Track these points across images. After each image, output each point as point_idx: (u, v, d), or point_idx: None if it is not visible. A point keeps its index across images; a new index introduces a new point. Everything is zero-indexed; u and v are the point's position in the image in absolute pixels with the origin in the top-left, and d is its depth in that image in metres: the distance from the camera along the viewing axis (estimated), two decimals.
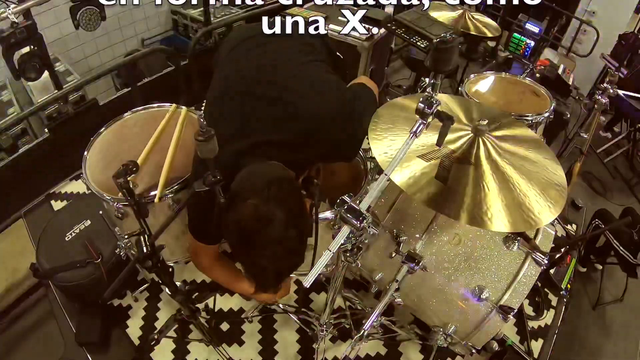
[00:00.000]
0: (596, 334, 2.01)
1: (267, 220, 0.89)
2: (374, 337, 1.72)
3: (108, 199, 1.37)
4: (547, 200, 1.01)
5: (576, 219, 2.54)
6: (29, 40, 1.94)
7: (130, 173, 1.00)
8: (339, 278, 1.19)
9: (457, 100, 1.35)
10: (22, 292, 1.96)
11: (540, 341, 1.89)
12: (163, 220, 1.14)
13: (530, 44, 3.67)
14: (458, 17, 2.40)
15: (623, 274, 1.98)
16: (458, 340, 1.44)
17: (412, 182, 1.01)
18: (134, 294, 1.88)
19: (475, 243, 1.38)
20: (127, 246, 1.50)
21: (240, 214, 0.91)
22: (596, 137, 3.33)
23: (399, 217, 1.47)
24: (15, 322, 1.87)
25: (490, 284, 1.33)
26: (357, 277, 1.78)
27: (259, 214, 0.90)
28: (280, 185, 0.94)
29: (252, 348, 1.78)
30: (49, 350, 1.75)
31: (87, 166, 1.46)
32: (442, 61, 0.85)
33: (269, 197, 0.90)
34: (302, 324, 1.78)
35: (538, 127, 1.94)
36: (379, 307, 1.27)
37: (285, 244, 0.92)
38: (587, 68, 3.70)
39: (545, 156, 1.14)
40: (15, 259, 2.05)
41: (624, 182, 3.00)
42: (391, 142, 1.11)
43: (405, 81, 3.50)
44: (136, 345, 1.75)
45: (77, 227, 1.83)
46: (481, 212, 0.96)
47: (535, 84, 2.11)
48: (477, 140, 1.10)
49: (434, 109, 0.85)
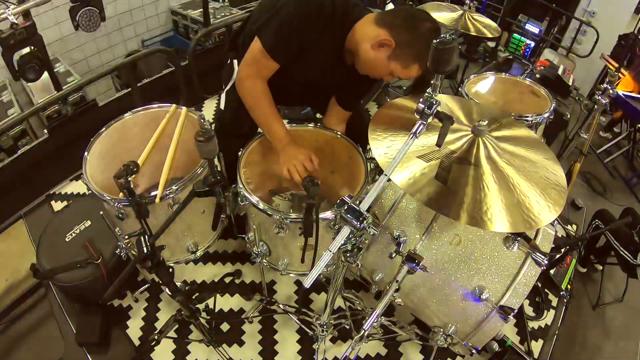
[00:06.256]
0: (596, 335, 2.01)
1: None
2: (374, 337, 1.72)
3: (108, 199, 1.37)
4: (547, 200, 1.01)
5: (576, 219, 2.54)
6: (29, 41, 1.95)
7: (131, 173, 1.01)
8: (339, 278, 1.19)
9: (457, 101, 1.36)
10: (22, 292, 1.96)
11: (541, 342, 1.89)
12: (163, 220, 1.14)
13: (530, 44, 3.68)
14: (458, 18, 2.41)
15: (623, 275, 1.98)
16: (458, 341, 1.44)
17: (412, 183, 1.01)
18: (134, 294, 1.88)
19: (475, 243, 1.38)
20: (127, 246, 1.50)
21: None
22: (596, 138, 3.33)
23: (399, 217, 1.47)
24: (15, 323, 1.87)
25: (491, 285, 1.33)
26: (357, 277, 1.78)
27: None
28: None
29: (252, 348, 1.78)
30: (49, 350, 1.75)
31: (87, 166, 1.46)
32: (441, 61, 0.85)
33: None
34: (302, 324, 1.78)
35: (538, 127, 1.94)
36: (379, 307, 1.27)
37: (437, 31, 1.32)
38: (587, 68, 3.71)
39: (545, 156, 1.14)
40: (16, 259, 2.05)
41: (624, 182, 3.00)
42: (391, 142, 1.11)
43: (405, 82, 3.50)
44: (136, 346, 1.75)
45: (78, 227, 1.83)
46: (481, 212, 0.96)
47: (535, 85, 2.12)
48: (477, 141, 1.10)
49: (433, 109, 0.85)
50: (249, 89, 1.49)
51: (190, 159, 1.51)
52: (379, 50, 1.35)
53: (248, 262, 2.09)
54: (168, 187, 1.39)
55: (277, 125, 1.50)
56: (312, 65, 1.49)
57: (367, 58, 1.39)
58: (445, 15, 2.45)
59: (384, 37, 1.33)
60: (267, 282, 2.00)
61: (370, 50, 1.37)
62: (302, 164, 1.45)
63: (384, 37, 1.33)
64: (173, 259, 1.65)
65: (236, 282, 2.02)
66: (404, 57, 1.34)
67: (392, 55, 1.35)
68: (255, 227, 1.47)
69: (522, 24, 3.74)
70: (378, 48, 1.35)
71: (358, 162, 1.57)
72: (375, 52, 1.36)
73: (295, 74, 1.51)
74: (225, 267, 2.08)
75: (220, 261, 2.10)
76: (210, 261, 2.09)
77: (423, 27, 1.32)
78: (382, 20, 1.36)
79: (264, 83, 1.49)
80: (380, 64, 1.38)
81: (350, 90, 1.66)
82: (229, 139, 1.56)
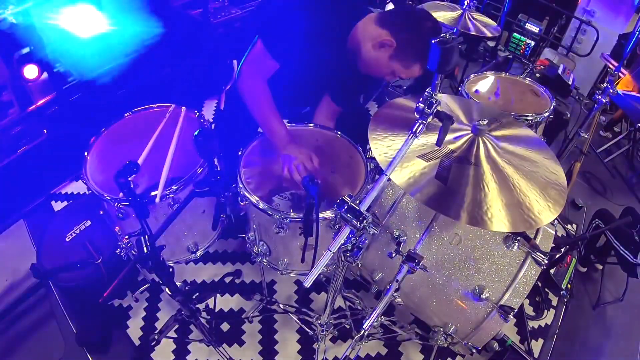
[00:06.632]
0: (596, 334, 2.01)
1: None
2: (374, 337, 1.72)
3: (108, 199, 1.37)
4: (547, 200, 1.01)
5: (576, 218, 2.54)
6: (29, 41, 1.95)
7: (131, 173, 1.01)
8: (339, 278, 1.19)
9: (457, 100, 1.36)
10: (22, 292, 1.96)
11: (541, 341, 1.89)
12: (163, 220, 1.14)
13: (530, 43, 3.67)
14: (458, 17, 2.40)
15: (623, 274, 1.98)
16: (458, 340, 1.44)
17: (412, 182, 1.01)
18: (135, 294, 1.89)
19: (476, 243, 1.38)
20: (127, 246, 1.50)
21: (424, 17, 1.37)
22: (596, 137, 3.33)
23: (399, 217, 1.47)
24: (15, 323, 1.87)
25: (491, 284, 1.33)
26: (357, 277, 1.78)
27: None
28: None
29: (253, 348, 1.78)
30: (50, 350, 1.75)
31: (87, 166, 1.46)
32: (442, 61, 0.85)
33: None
34: (303, 324, 1.78)
35: (538, 127, 1.94)
36: (379, 307, 1.27)
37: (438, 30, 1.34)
38: (587, 68, 3.70)
39: (545, 156, 1.14)
40: (16, 259, 2.05)
41: (624, 181, 3.00)
42: (391, 142, 1.11)
43: (405, 81, 3.50)
44: (136, 346, 1.75)
45: (78, 227, 1.83)
46: (481, 212, 0.96)
47: (535, 84, 2.11)
48: (477, 140, 1.10)
49: (433, 108, 0.85)
50: (249, 89, 1.49)
51: (190, 158, 1.51)
52: (381, 50, 1.36)
53: (248, 262, 2.09)
54: (168, 187, 1.39)
55: (277, 124, 1.50)
56: (313, 65, 1.49)
57: (369, 58, 1.39)
58: (445, 14, 2.45)
59: (385, 36, 1.33)
60: (267, 281, 2.00)
61: (371, 50, 1.37)
62: (302, 163, 1.45)
63: (385, 36, 1.33)
64: (173, 258, 1.65)
65: (236, 281, 2.02)
66: (405, 56, 1.35)
67: (394, 55, 1.35)
68: (256, 226, 1.47)
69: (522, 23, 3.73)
70: (379, 48, 1.35)
71: (358, 161, 1.57)
72: (376, 52, 1.36)
73: (297, 74, 1.51)
74: (225, 267, 2.08)
75: (220, 261, 2.10)
76: (210, 261, 2.09)
77: (424, 26, 1.32)
78: (383, 20, 1.36)
79: (264, 83, 1.49)
80: (382, 63, 1.38)
81: (347, 87, 1.66)
82: (229, 139, 1.56)
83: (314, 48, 1.40)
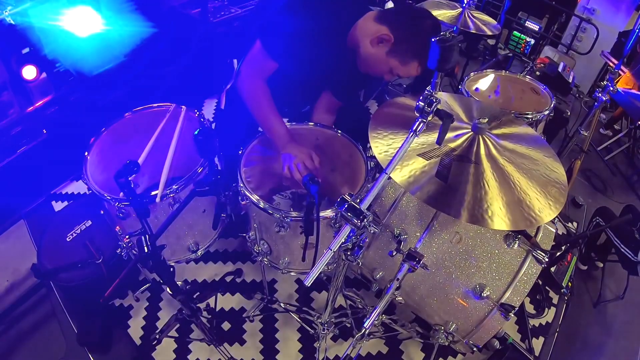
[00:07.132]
0: (597, 332, 2.01)
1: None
2: (375, 335, 1.72)
3: (109, 199, 1.37)
4: (548, 198, 1.01)
5: (577, 216, 2.54)
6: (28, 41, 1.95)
7: (131, 173, 1.01)
8: (340, 277, 1.19)
9: (457, 99, 1.36)
10: (23, 292, 1.96)
11: (542, 339, 1.89)
12: (164, 219, 1.14)
13: (530, 41, 3.67)
14: (458, 15, 2.40)
15: (624, 272, 1.98)
16: (459, 339, 1.44)
17: (413, 181, 1.01)
18: (135, 293, 1.89)
19: (476, 241, 1.38)
20: (128, 246, 1.50)
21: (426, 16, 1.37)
22: (596, 135, 3.33)
23: (399, 215, 1.47)
24: (16, 323, 1.87)
25: (491, 282, 1.33)
26: (358, 275, 1.78)
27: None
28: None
29: (254, 347, 1.78)
30: (51, 350, 1.76)
31: (87, 166, 1.46)
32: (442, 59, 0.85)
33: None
34: (304, 322, 1.79)
35: (538, 125, 1.94)
36: (380, 305, 1.27)
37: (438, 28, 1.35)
38: (587, 66, 3.69)
39: (545, 154, 1.14)
40: (17, 259, 2.05)
41: (625, 179, 3.00)
42: (391, 140, 1.11)
43: (405, 80, 3.50)
44: (137, 345, 1.75)
45: (78, 227, 1.83)
46: (482, 210, 0.96)
47: (535, 82, 2.11)
48: (477, 139, 1.10)
49: (433, 107, 0.85)
50: (249, 89, 1.49)
51: (190, 158, 1.51)
52: (378, 46, 1.36)
53: (249, 261, 2.09)
54: (168, 187, 1.39)
55: (277, 124, 1.50)
56: (312, 65, 1.49)
57: (367, 54, 1.39)
58: (445, 12, 2.45)
59: (383, 32, 1.33)
60: (268, 280, 2.00)
61: (369, 45, 1.37)
62: (303, 162, 1.45)
63: (383, 32, 1.33)
64: (174, 258, 1.65)
65: (237, 281, 2.02)
66: (403, 52, 1.34)
67: (391, 51, 1.35)
68: (256, 225, 1.47)
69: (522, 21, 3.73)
70: (377, 44, 1.35)
71: (358, 160, 1.57)
72: (374, 48, 1.37)
73: (296, 73, 1.51)
74: (226, 266, 2.08)
75: (221, 260, 2.10)
76: (211, 260, 2.09)
77: (423, 24, 1.32)
78: (383, 17, 1.37)
79: (264, 82, 1.49)
80: (380, 59, 1.38)
81: (347, 83, 1.66)
82: (229, 138, 1.56)
83: (313, 48, 1.40)
